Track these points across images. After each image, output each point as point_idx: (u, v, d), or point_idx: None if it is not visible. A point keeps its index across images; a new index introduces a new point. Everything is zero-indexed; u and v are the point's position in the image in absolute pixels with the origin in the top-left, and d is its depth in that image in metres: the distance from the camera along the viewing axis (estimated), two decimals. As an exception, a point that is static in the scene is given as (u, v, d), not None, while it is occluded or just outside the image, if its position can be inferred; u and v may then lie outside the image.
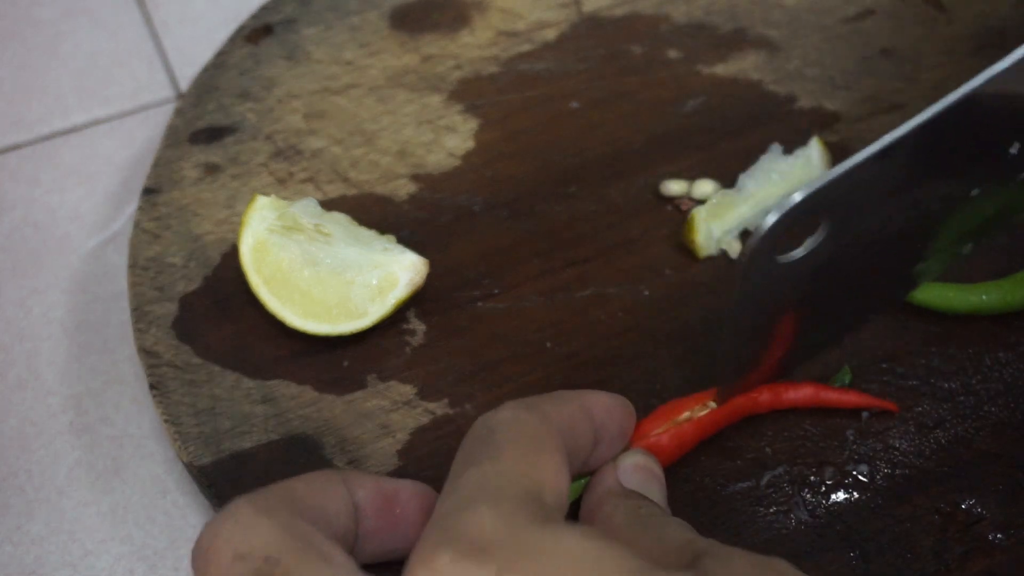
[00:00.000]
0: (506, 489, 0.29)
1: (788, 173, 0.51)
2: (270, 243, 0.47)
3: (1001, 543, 0.41)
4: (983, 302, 0.46)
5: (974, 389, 0.45)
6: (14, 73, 0.64)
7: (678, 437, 0.42)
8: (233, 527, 0.29)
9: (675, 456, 0.42)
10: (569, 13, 0.61)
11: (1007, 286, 0.47)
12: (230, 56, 0.59)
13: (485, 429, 0.31)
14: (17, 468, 0.49)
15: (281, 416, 0.45)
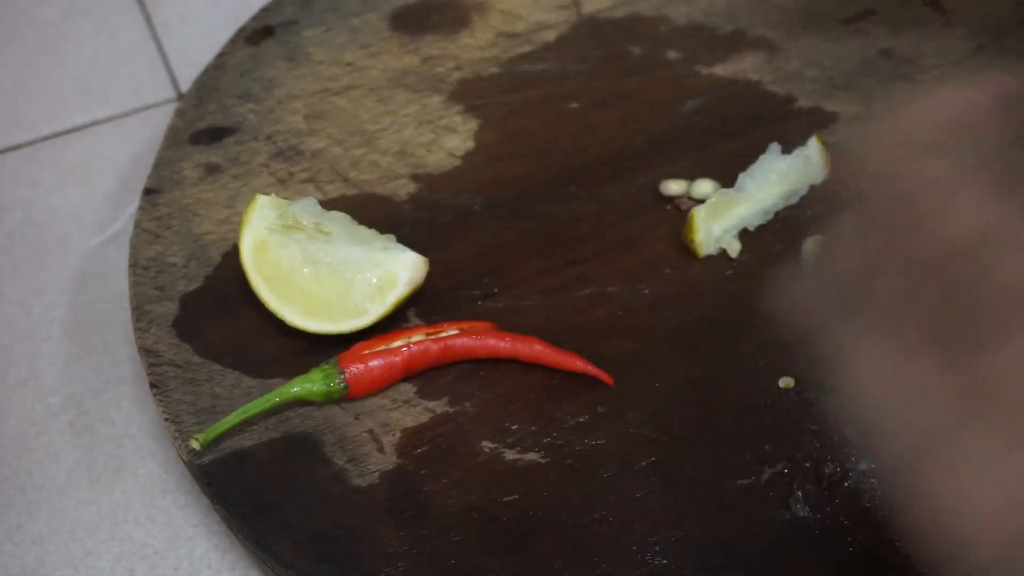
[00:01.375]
0: None
1: (787, 173, 0.51)
2: (270, 242, 0.47)
3: (1000, 541, 0.41)
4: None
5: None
6: (15, 73, 0.64)
7: (388, 363, 0.45)
8: None
9: (381, 382, 0.45)
10: (569, 14, 0.61)
11: None
12: (231, 57, 0.59)
13: None
14: (18, 468, 0.49)
15: (281, 415, 0.45)
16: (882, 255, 0.31)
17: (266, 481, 0.43)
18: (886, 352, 0.29)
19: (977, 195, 0.28)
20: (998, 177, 0.28)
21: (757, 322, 0.47)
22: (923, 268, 0.29)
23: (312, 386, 0.45)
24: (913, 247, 0.29)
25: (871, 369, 0.29)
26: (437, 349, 0.46)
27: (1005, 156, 0.28)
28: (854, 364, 0.31)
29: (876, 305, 0.30)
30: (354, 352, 0.45)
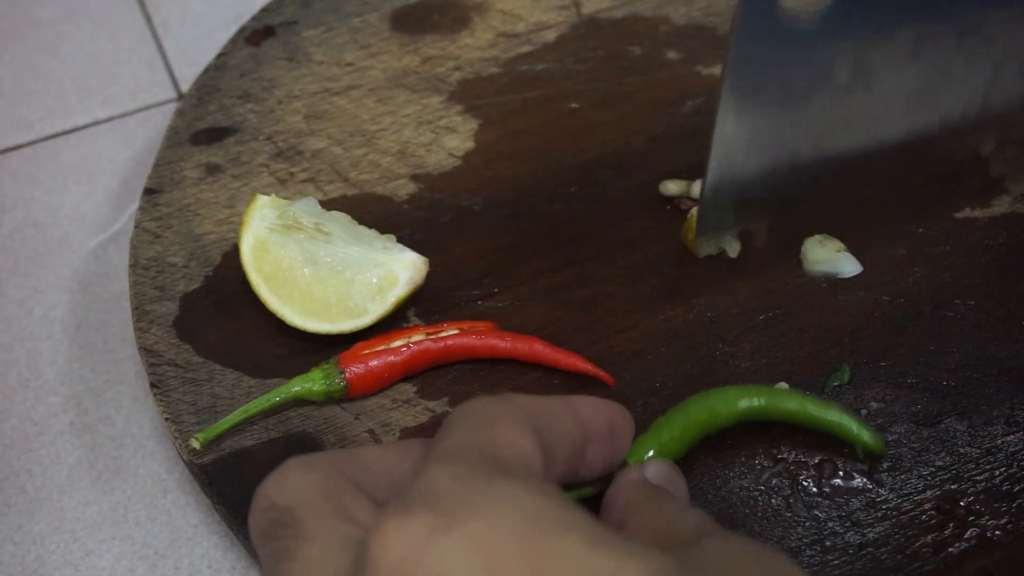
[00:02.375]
0: (460, 451, 0.29)
1: (787, 173, 0.51)
2: (270, 242, 0.47)
3: (1000, 540, 0.41)
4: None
5: (973, 387, 0.45)
6: (15, 74, 0.64)
7: (388, 363, 0.45)
8: (274, 479, 0.32)
9: (381, 381, 0.45)
10: (569, 15, 0.61)
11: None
12: (231, 57, 0.59)
13: (446, 420, 0.32)
14: (19, 468, 0.49)
15: (281, 415, 0.45)
16: None
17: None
18: None
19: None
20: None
21: (756, 322, 0.48)
22: None
23: (312, 386, 0.45)
24: None
25: None
26: (437, 349, 0.46)
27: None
28: None
29: None
30: (354, 352, 0.45)
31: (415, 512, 0.27)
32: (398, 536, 0.27)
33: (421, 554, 0.27)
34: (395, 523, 0.27)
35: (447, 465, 0.29)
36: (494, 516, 0.27)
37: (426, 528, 0.27)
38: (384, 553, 0.27)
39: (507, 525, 0.27)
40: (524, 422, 0.31)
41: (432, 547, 0.26)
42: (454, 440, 0.30)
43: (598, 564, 0.26)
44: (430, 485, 0.28)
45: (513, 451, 0.30)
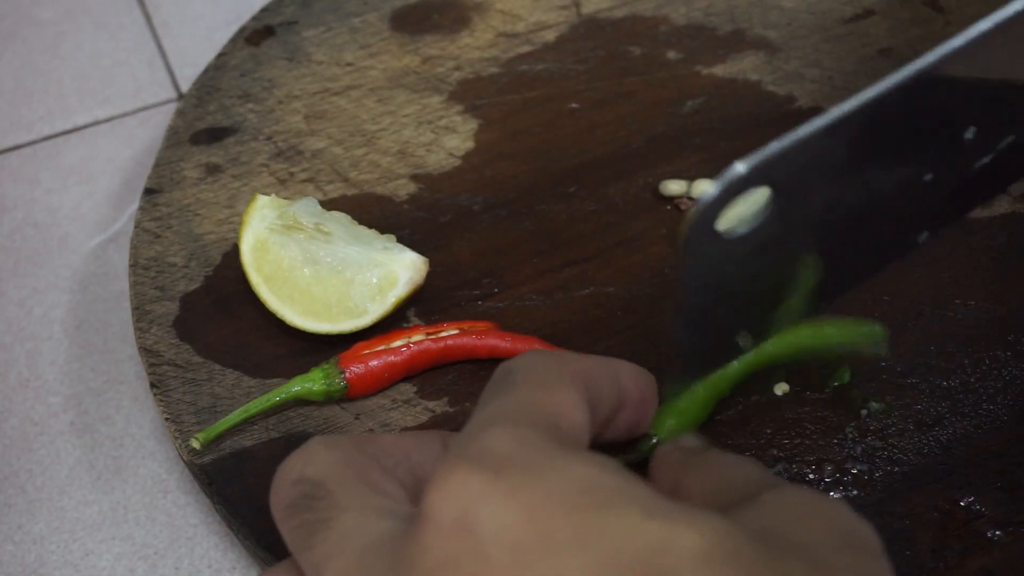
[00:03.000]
0: (521, 414, 0.30)
1: (787, 173, 0.51)
2: (270, 242, 0.47)
3: (1000, 540, 0.41)
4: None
5: (973, 387, 0.45)
6: (15, 73, 0.64)
7: (388, 363, 0.45)
8: (300, 456, 0.32)
9: (381, 381, 0.45)
10: (568, 15, 0.61)
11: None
12: (231, 57, 0.59)
13: (504, 371, 0.32)
14: (18, 467, 0.49)
15: (281, 415, 0.45)
16: None
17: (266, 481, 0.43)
18: None
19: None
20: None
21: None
22: None
23: (312, 386, 0.45)
24: None
25: None
26: (437, 349, 0.46)
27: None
28: None
29: None
30: (354, 352, 0.45)
31: (479, 470, 0.27)
32: (455, 494, 0.27)
33: (478, 513, 0.27)
34: (453, 481, 0.27)
35: (508, 427, 0.29)
36: (553, 486, 0.27)
37: (483, 487, 0.27)
38: (441, 509, 0.27)
39: (564, 496, 0.27)
40: (579, 390, 0.32)
41: (489, 507, 0.27)
42: (513, 400, 0.30)
43: (652, 534, 0.26)
44: (492, 445, 0.28)
45: (569, 421, 0.30)
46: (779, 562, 0.26)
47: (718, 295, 0.36)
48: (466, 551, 0.27)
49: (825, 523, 0.29)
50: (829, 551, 0.28)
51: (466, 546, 0.27)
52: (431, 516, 0.27)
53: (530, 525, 0.26)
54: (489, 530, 0.26)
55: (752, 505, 0.30)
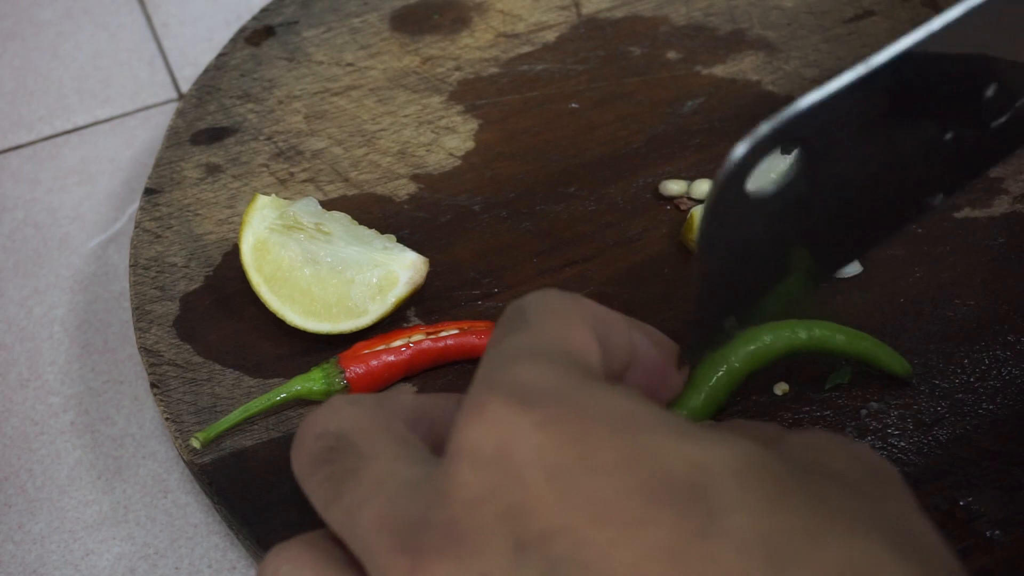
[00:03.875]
0: (544, 349, 0.30)
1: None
2: (271, 242, 0.47)
3: (1000, 540, 0.41)
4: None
5: (972, 387, 0.45)
6: (15, 73, 0.64)
7: (388, 363, 0.45)
8: (322, 412, 0.32)
9: (381, 381, 0.45)
10: (568, 15, 0.61)
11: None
12: (231, 57, 0.59)
13: (515, 308, 0.32)
14: (19, 467, 0.49)
15: (281, 414, 0.45)
16: None
17: (266, 481, 0.44)
18: None
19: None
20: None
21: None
22: None
23: (313, 385, 0.45)
24: None
25: None
26: (437, 349, 0.46)
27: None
28: None
29: None
30: (355, 352, 0.45)
31: (512, 402, 0.27)
32: (495, 424, 0.27)
33: (514, 441, 0.27)
34: (493, 410, 0.27)
35: (534, 361, 0.29)
36: (588, 413, 0.27)
37: (518, 417, 0.27)
38: (481, 439, 0.27)
39: (600, 422, 0.27)
40: (591, 329, 0.32)
41: (527, 437, 0.27)
42: (530, 336, 0.30)
43: (690, 454, 0.26)
44: (522, 378, 0.28)
45: (586, 358, 0.31)
46: (812, 481, 0.27)
47: (741, 261, 0.36)
48: (506, 480, 0.27)
49: (851, 455, 0.29)
50: (858, 477, 0.28)
51: (504, 476, 0.27)
52: (465, 450, 0.27)
53: (568, 450, 0.26)
54: (528, 458, 0.27)
55: (780, 442, 0.30)
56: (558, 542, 0.26)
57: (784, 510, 0.25)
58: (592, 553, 0.25)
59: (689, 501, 0.25)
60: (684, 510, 0.25)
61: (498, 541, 0.26)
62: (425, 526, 0.27)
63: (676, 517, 0.25)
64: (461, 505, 0.27)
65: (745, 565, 0.25)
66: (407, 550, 0.27)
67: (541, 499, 0.26)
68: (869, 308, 0.48)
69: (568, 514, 0.26)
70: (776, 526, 0.25)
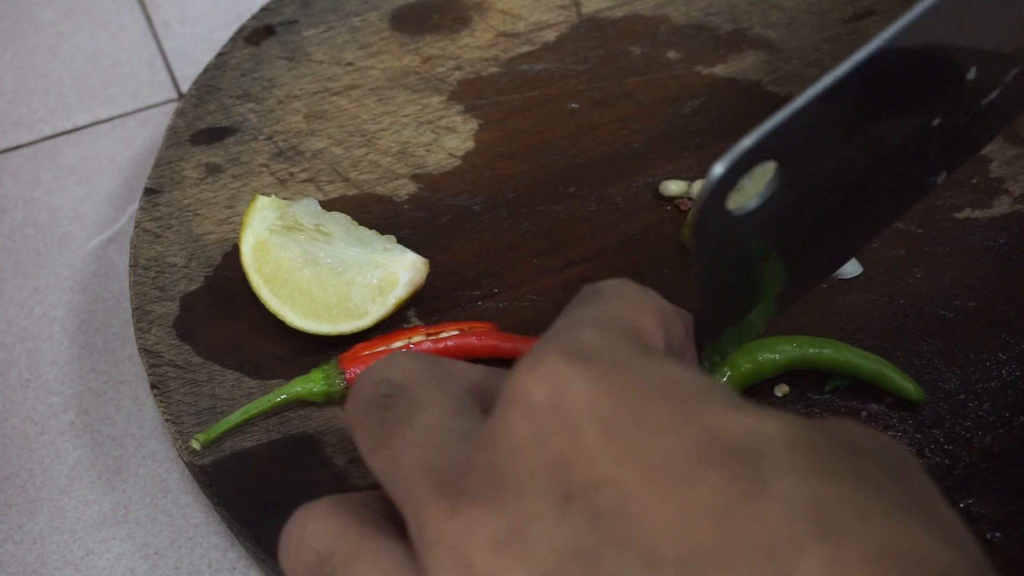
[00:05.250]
0: (609, 322, 0.30)
1: (787, 173, 0.51)
2: (271, 243, 0.47)
3: (1000, 542, 0.41)
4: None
5: (972, 388, 0.45)
6: (15, 73, 0.64)
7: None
8: (384, 362, 0.32)
9: None
10: (569, 14, 0.61)
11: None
12: (231, 57, 0.59)
13: (590, 289, 0.33)
14: (19, 467, 0.49)
15: (281, 415, 0.45)
16: None
17: (266, 481, 0.44)
18: None
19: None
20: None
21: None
22: None
23: (313, 386, 0.45)
24: None
25: None
26: (437, 350, 0.46)
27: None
28: None
29: None
30: (355, 353, 0.45)
31: (570, 358, 0.28)
32: (546, 376, 0.27)
33: (570, 393, 0.27)
34: (551, 362, 0.28)
35: (597, 327, 0.29)
36: (643, 377, 0.27)
37: (576, 371, 0.27)
38: (535, 387, 0.27)
39: (653, 383, 0.27)
40: (658, 319, 0.32)
41: (581, 388, 0.27)
42: (600, 309, 0.31)
43: (738, 420, 0.27)
44: (583, 339, 0.29)
45: (647, 338, 0.31)
46: (856, 459, 0.27)
47: (736, 273, 0.36)
48: (556, 429, 0.27)
49: (878, 442, 0.30)
50: (890, 462, 0.29)
51: (556, 424, 0.27)
52: (517, 396, 0.27)
53: (622, 407, 0.27)
54: (582, 408, 0.27)
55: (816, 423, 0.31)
56: (605, 493, 0.26)
57: (833, 481, 0.26)
58: (639, 507, 0.25)
59: (740, 465, 0.26)
60: (735, 473, 0.26)
61: (542, 489, 0.26)
62: (467, 470, 0.27)
63: (726, 479, 0.25)
64: (507, 450, 0.27)
65: (793, 529, 0.25)
66: (446, 492, 0.27)
67: (591, 450, 0.26)
68: (869, 308, 0.48)
69: (618, 467, 0.26)
70: (826, 494, 0.25)
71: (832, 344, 0.45)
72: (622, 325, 0.30)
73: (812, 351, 0.45)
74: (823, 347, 0.45)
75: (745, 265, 0.37)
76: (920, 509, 0.26)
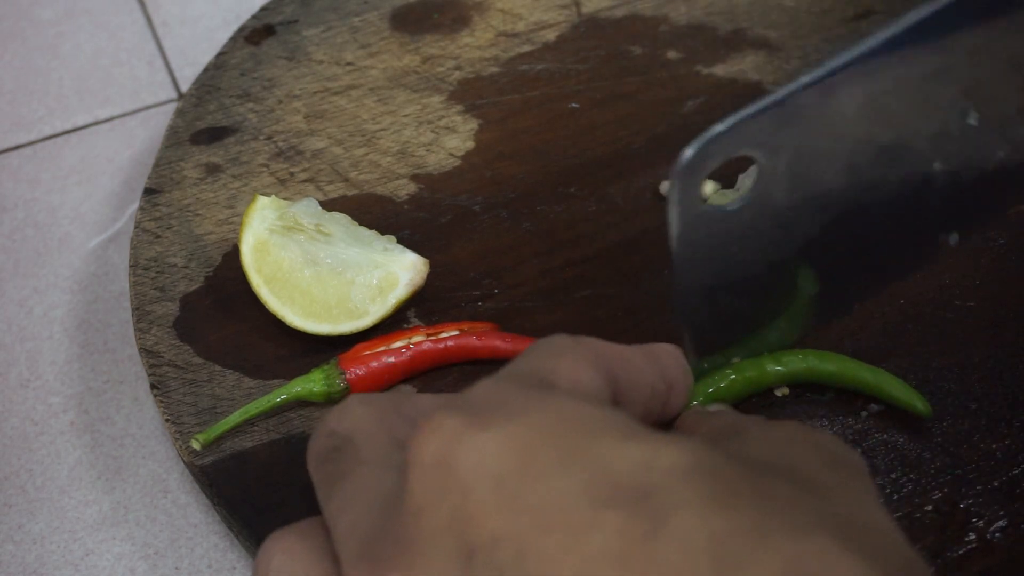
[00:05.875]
0: (511, 375, 0.30)
1: (787, 173, 0.51)
2: (271, 243, 0.47)
3: (1000, 542, 0.41)
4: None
5: (973, 388, 0.45)
6: (15, 73, 0.64)
7: (388, 364, 0.45)
8: (337, 411, 0.33)
9: (382, 383, 0.45)
10: (569, 14, 0.61)
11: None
12: (231, 56, 0.59)
13: (522, 352, 0.33)
14: (19, 467, 0.49)
15: (282, 416, 0.45)
16: None
17: (266, 481, 0.44)
18: None
19: None
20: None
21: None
22: None
23: (313, 387, 0.45)
24: None
25: None
26: (437, 350, 0.46)
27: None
28: None
29: None
30: (355, 353, 0.45)
31: (452, 415, 0.28)
32: (434, 436, 0.27)
33: (456, 451, 0.27)
34: (433, 425, 0.28)
35: (495, 382, 0.29)
36: (529, 418, 0.27)
37: (462, 428, 0.27)
38: (422, 452, 0.27)
39: (542, 425, 0.27)
40: (591, 361, 0.32)
41: (467, 444, 0.27)
42: (515, 365, 0.31)
43: (634, 454, 0.26)
44: (472, 395, 0.29)
45: (569, 381, 0.31)
46: (763, 480, 0.27)
47: (719, 276, 0.35)
48: (448, 487, 0.27)
49: (811, 447, 0.29)
50: (815, 470, 0.28)
51: (447, 482, 0.27)
52: (414, 460, 0.28)
53: (510, 456, 0.27)
54: (469, 464, 0.27)
55: (738, 437, 0.30)
56: (503, 549, 0.26)
57: (732, 509, 0.25)
58: (538, 560, 0.25)
59: (635, 503, 0.25)
60: (630, 512, 0.25)
61: (444, 549, 0.26)
62: (383, 535, 0.28)
63: (622, 520, 0.25)
64: (410, 514, 0.27)
65: (692, 566, 0.24)
66: (367, 558, 0.28)
67: (484, 506, 0.26)
68: (869, 309, 0.48)
69: (512, 521, 0.26)
70: (723, 526, 0.25)
71: (838, 359, 0.44)
72: (526, 373, 0.30)
73: (818, 365, 0.44)
74: (829, 362, 0.44)
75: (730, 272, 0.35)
76: (836, 522, 0.26)
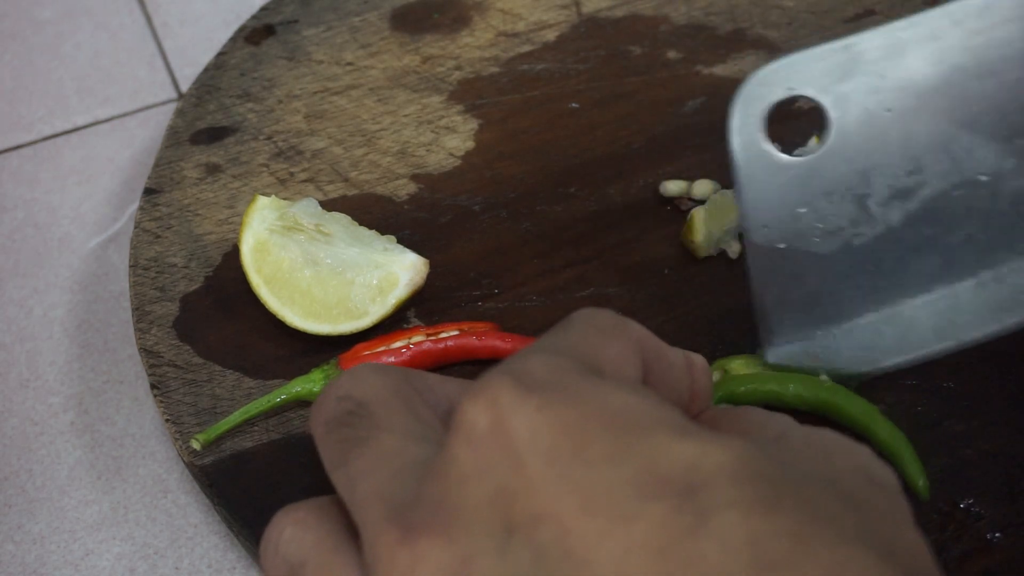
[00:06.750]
0: (564, 351, 0.30)
1: (787, 173, 0.51)
2: (271, 243, 0.47)
3: (1000, 542, 0.41)
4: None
5: (973, 387, 0.45)
6: (15, 73, 0.64)
7: (388, 364, 0.44)
8: (348, 376, 0.32)
9: None
10: (569, 14, 0.61)
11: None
12: (231, 56, 0.59)
13: (565, 319, 0.32)
14: (19, 467, 0.49)
15: (282, 416, 0.45)
16: None
17: (266, 481, 0.44)
18: None
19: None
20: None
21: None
22: None
23: (313, 387, 0.45)
24: None
25: None
26: (437, 350, 0.46)
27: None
28: None
29: None
30: (355, 353, 0.45)
31: (514, 386, 0.27)
32: (495, 403, 0.27)
33: (513, 423, 0.27)
34: (490, 394, 0.27)
35: (548, 355, 0.29)
36: (587, 407, 0.27)
37: (520, 401, 0.27)
38: (476, 420, 0.27)
39: (597, 416, 0.27)
40: (636, 351, 0.31)
41: (524, 419, 0.27)
42: (562, 338, 0.31)
43: (684, 452, 0.26)
44: (530, 367, 0.28)
45: (615, 368, 0.30)
46: (806, 486, 0.27)
47: (790, 238, 0.34)
48: (499, 458, 0.27)
49: (850, 460, 0.29)
50: (855, 485, 0.28)
51: (499, 453, 0.27)
52: (463, 426, 0.27)
53: (564, 438, 0.26)
54: (523, 438, 0.26)
55: (780, 442, 0.30)
56: (545, 527, 0.26)
57: (775, 513, 0.25)
58: (579, 542, 0.25)
59: (680, 499, 0.25)
60: (675, 507, 0.25)
61: (486, 521, 0.26)
62: (418, 501, 0.27)
63: (666, 514, 0.25)
64: (453, 482, 0.27)
65: (731, 566, 0.24)
66: (397, 523, 0.27)
67: (533, 482, 0.26)
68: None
69: (558, 500, 0.26)
70: (765, 529, 0.25)
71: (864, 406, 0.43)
72: (578, 354, 0.30)
73: (823, 397, 0.44)
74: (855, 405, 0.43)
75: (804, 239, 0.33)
76: (872, 537, 0.26)
